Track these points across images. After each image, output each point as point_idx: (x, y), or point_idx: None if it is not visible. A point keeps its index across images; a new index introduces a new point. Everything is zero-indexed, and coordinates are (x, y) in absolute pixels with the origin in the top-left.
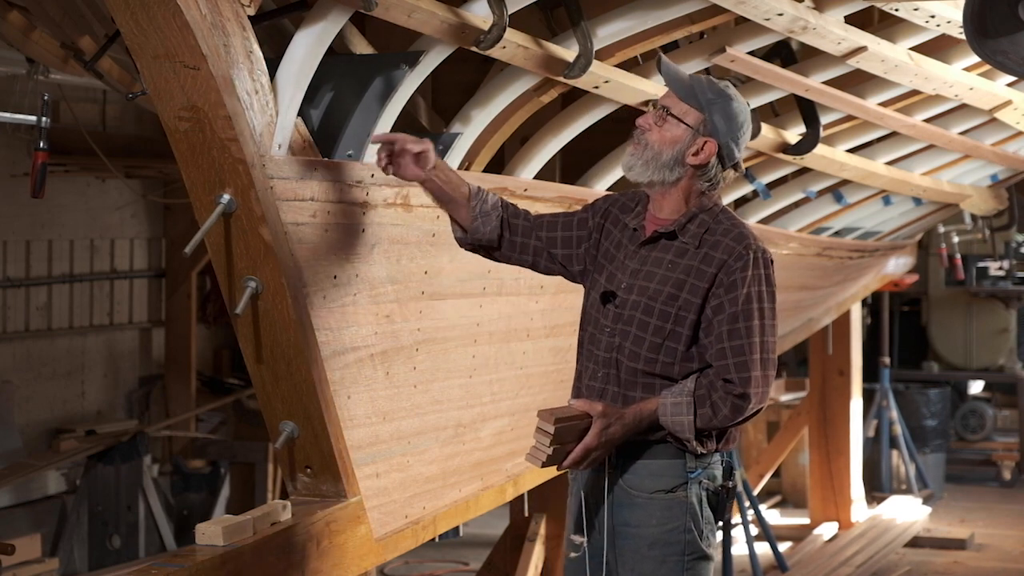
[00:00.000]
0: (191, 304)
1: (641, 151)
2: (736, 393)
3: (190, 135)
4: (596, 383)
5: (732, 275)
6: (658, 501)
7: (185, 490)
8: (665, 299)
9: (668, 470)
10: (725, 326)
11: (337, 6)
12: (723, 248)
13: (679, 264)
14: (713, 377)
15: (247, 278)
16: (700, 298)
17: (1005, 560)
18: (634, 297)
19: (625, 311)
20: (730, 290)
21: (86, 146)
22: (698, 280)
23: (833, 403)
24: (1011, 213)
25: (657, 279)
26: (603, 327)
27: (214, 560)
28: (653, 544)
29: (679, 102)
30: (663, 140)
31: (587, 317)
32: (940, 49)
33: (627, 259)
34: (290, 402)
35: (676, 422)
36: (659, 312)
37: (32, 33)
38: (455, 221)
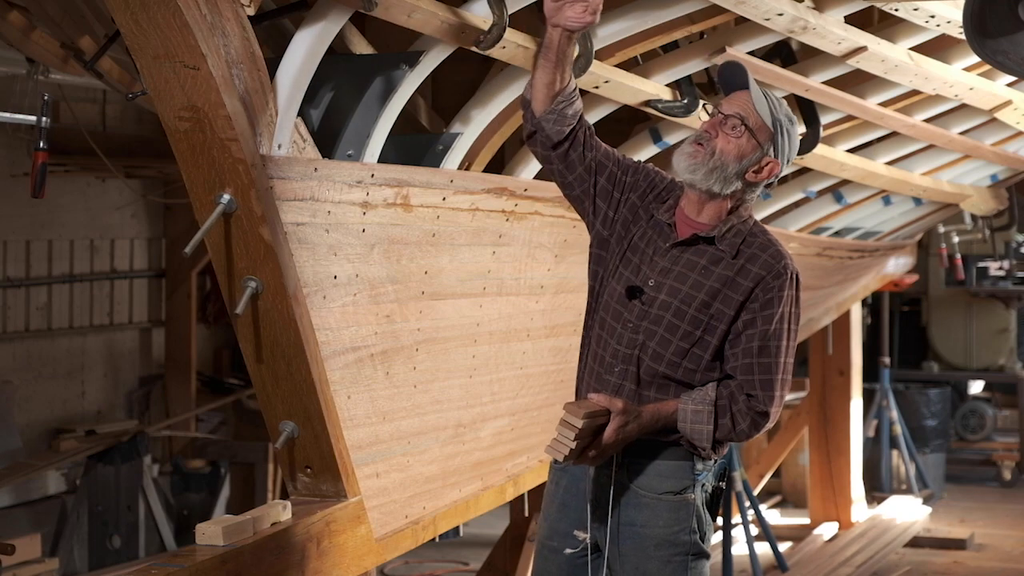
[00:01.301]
0: (191, 304)
1: (706, 157)
2: (759, 410)
3: (190, 135)
4: (612, 377)
5: (769, 293)
6: (666, 502)
7: (185, 490)
8: (698, 306)
9: (677, 472)
10: (756, 342)
11: (337, 6)
12: (761, 263)
13: (713, 272)
14: (735, 390)
15: (247, 278)
16: (733, 310)
17: (1005, 560)
18: (663, 297)
19: (653, 310)
20: (765, 307)
21: (86, 146)
22: (732, 292)
23: (833, 403)
24: (1011, 213)
25: (690, 283)
26: (626, 322)
27: (214, 560)
28: (659, 544)
29: (753, 114)
30: (732, 151)
31: (605, 307)
32: (940, 49)
33: (656, 255)
34: (290, 402)
35: (695, 430)
36: (691, 318)
37: (32, 33)
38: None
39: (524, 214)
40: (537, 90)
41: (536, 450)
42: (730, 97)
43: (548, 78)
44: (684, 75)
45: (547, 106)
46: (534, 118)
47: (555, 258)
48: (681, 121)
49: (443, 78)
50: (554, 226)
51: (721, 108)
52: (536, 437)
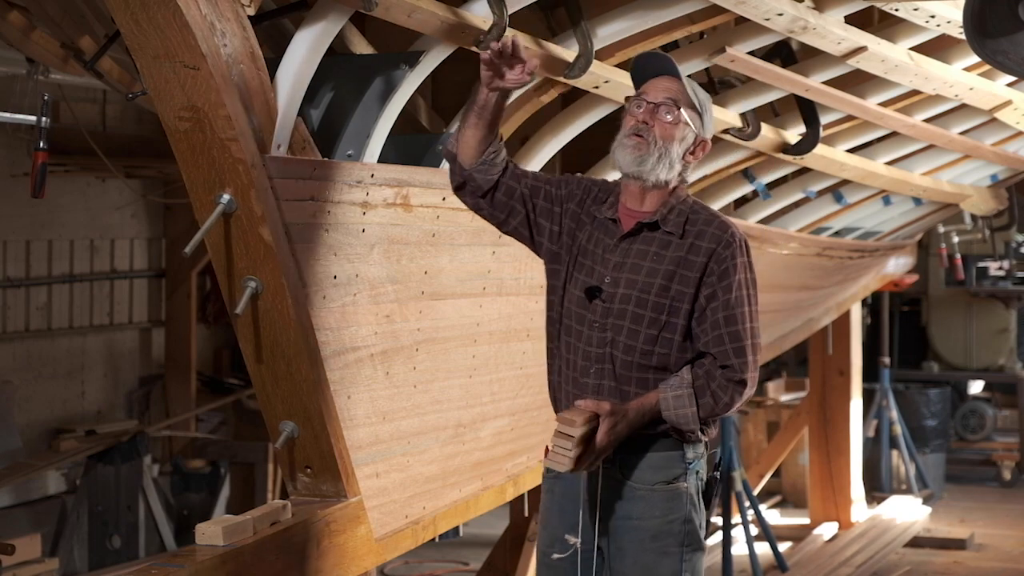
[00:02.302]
0: (191, 304)
1: (650, 147)
2: (736, 379)
3: (190, 135)
4: (590, 379)
5: (724, 263)
6: (659, 493)
7: (185, 490)
8: (658, 290)
9: (668, 462)
10: (721, 313)
11: (337, 6)
12: (709, 237)
13: (664, 255)
14: (709, 366)
15: (247, 278)
16: (692, 287)
17: (1005, 560)
18: (622, 291)
19: (615, 305)
20: (723, 278)
21: (86, 146)
22: (687, 270)
23: (833, 403)
24: (1011, 213)
25: (644, 271)
26: (591, 322)
27: (214, 560)
28: (656, 536)
29: (684, 96)
30: (671, 136)
31: (567, 313)
32: (940, 49)
33: (606, 253)
34: (290, 402)
35: (680, 415)
36: (653, 304)
37: (32, 33)
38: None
39: None
40: (469, 147)
41: (536, 450)
42: (651, 85)
43: (482, 134)
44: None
45: (478, 159)
46: (463, 171)
47: None
48: None
49: (443, 78)
50: None
51: (647, 96)
52: (536, 437)
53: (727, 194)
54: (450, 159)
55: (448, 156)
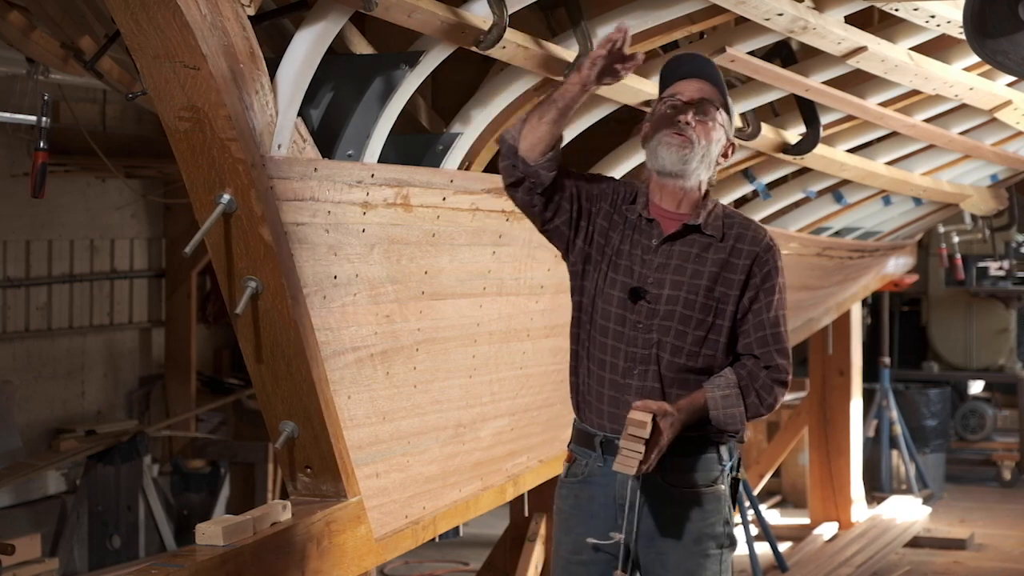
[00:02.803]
0: (191, 304)
1: (694, 146)
2: (780, 380)
3: (190, 135)
4: (633, 380)
5: (765, 267)
6: (701, 495)
7: (185, 490)
8: (704, 292)
9: (706, 464)
10: (765, 315)
11: (337, 6)
12: (750, 241)
13: (707, 258)
14: (752, 366)
15: (247, 278)
16: (736, 290)
17: (1005, 560)
18: (668, 292)
19: (660, 306)
20: (765, 281)
21: (86, 146)
22: (730, 273)
23: (833, 403)
24: (1011, 213)
25: (689, 273)
26: (635, 323)
27: (214, 560)
28: (699, 539)
29: (719, 101)
30: (711, 138)
31: (603, 314)
32: (940, 49)
33: (646, 254)
34: (290, 402)
35: (728, 415)
36: (701, 306)
37: (32, 33)
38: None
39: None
40: (541, 142)
41: (536, 450)
42: (685, 84)
43: (559, 131)
44: None
45: (544, 155)
46: (527, 166)
47: (555, 258)
48: None
49: (443, 78)
50: None
51: (683, 96)
52: (536, 437)
53: (727, 194)
54: (511, 154)
55: (508, 151)
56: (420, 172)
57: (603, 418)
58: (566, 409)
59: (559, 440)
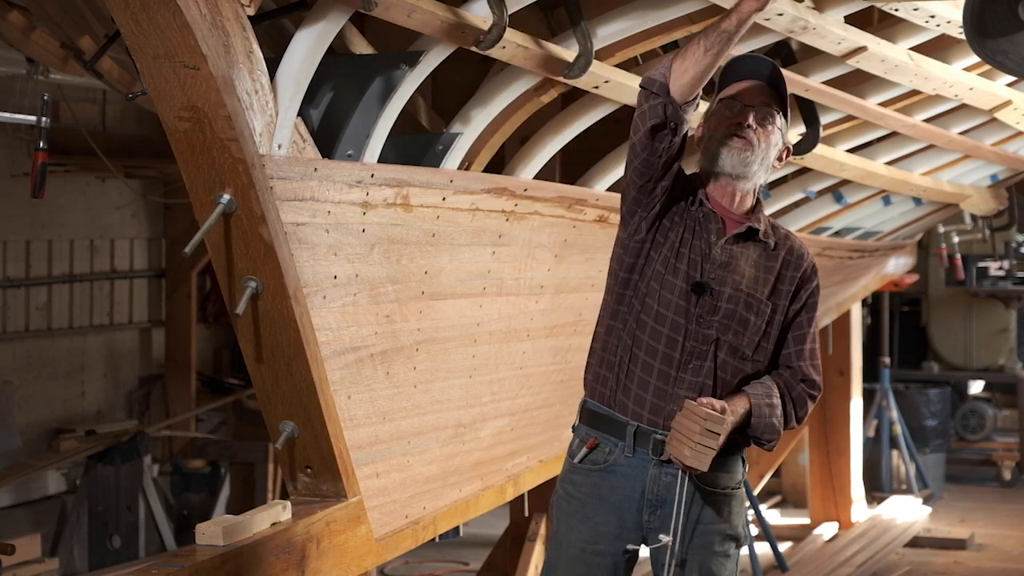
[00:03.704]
0: (191, 304)
1: (755, 149)
2: (813, 395)
3: (190, 135)
4: (686, 374)
5: (811, 282)
6: (729, 496)
7: (185, 490)
8: (764, 298)
9: (734, 466)
10: (806, 328)
11: (337, 6)
12: (797, 255)
13: (763, 264)
14: (789, 377)
15: (247, 278)
16: (786, 300)
17: (1005, 560)
18: (729, 291)
19: (721, 304)
20: (811, 296)
21: (86, 146)
22: (782, 283)
23: (833, 403)
24: (1011, 213)
25: (749, 276)
26: (696, 317)
27: (214, 560)
28: (724, 539)
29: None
30: (771, 142)
31: (662, 301)
32: (940, 49)
33: (709, 249)
34: (290, 402)
35: (767, 424)
36: (758, 310)
37: (32, 33)
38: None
39: (524, 214)
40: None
41: (536, 450)
42: (746, 86)
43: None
44: None
45: (692, 95)
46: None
47: (555, 258)
48: None
49: (443, 78)
50: (554, 226)
51: (745, 99)
52: (536, 437)
53: None
54: (662, 91)
55: (658, 88)
56: (420, 172)
57: (643, 408)
58: (566, 409)
59: (559, 440)
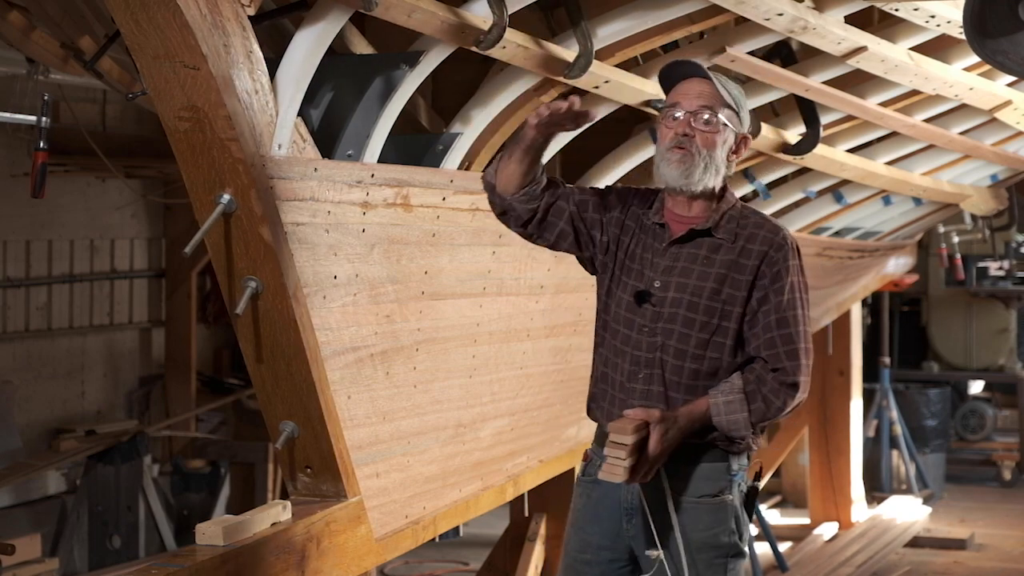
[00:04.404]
0: (191, 304)
1: (694, 158)
2: (789, 382)
3: (190, 135)
4: (637, 384)
5: (775, 266)
6: (705, 505)
7: (185, 490)
8: (709, 294)
9: (714, 474)
10: (773, 316)
11: (337, 6)
12: (761, 240)
13: (715, 259)
14: (760, 370)
15: (247, 278)
16: (744, 291)
17: (1005, 560)
18: (673, 295)
19: (665, 309)
20: (775, 280)
21: (86, 146)
22: (739, 273)
23: (833, 403)
24: (1011, 213)
25: (695, 275)
26: (641, 327)
27: (214, 560)
28: (701, 548)
29: (720, 103)
30: (713, 144)
31: (614, 317)
32: (940, 49)
33: (656, 257)
34: (290, 402)
35: (731, 420)
36: (705, 308)
37: (32, 33)
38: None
39: None
40: (513, 178)
41: (536, 450)
42: (682, 92)
43: (527, 168)
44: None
45: (520, 190)
46: (503, 201)
47: (555, 258)
48: None
49: (443, 78)
50: None
51: (682, 105)
52: (536, 437)
53: None
54: (489, 189)
55: (487, 186)
56: (420, 172)
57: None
58: (566, 409)
59: (559, 440)
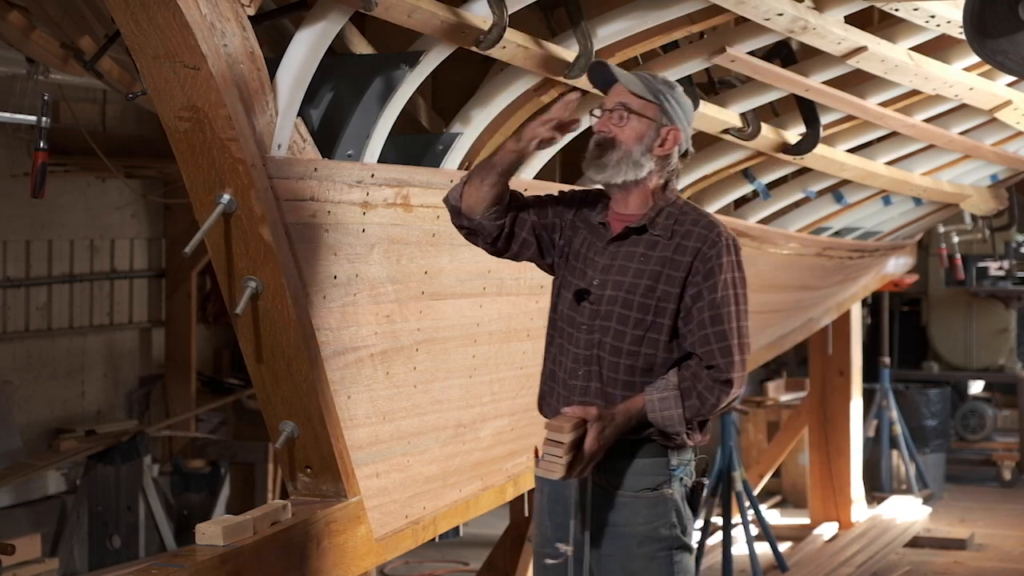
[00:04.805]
0: (191, 304)
1: (607, 153)
2: (722, 379)
3: (190, 135)
4: (577, 381)
5: (708, 263)
6: (644, 499)
7: (185, 490)
8: (644, 291)
9: (652, 468)
10: (707, 312)
11: (337, 6)
12: (696, 237)
13: (651, 256)
14: (695, 367)
15: (247, 278)
16: (677, 288)
17: (1005, 560)
18: (609, 292)
19: (602, 307)
20: (708, 277)
21: (86, 146)
22: (674, 270)
23: (833, 403)
24: (1011, 213)
25: (631, 273)
26: (580, 324)
27: (214, 560)
28: (642, 542)
29: (634, 98)
30: (628, 137)
31: (560, 316)
32: (940, 49)
33: (596, 256)
34: (290, 402)
35: (666, 417)
36: (639, 305)
37: (32, 33)
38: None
39: None
40: (483, 200)
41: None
42: (609, 94)
43: (500, 190)
44: (684, 75)
45: (489, 210)
46: (471, 222)
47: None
48: None
49: (443, 78)
50: None
51: (606, 106)
52: (536, 437)
53: (727, 194)
54: (454, 212)
55: (452, 210)
56: (420, 172)
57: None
58: None
59: None
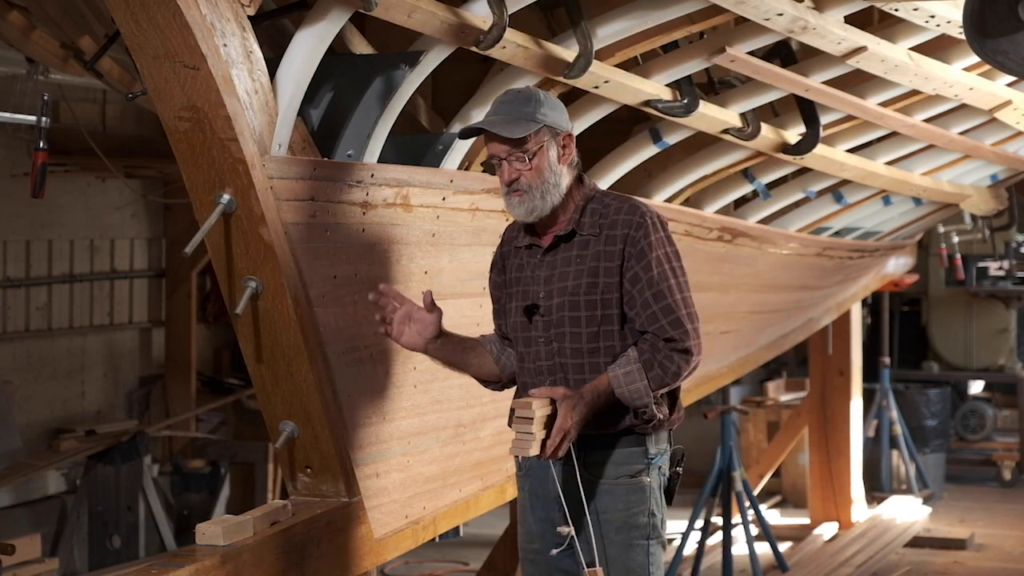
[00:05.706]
0: (191, 304)
1: (530, 193)
2: (680, 348)
3: (190, 135)
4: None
5: (638, 244)
6: (622, 486)
7: (185, 490)
8: (586, 290)
9: (630, 457)
10: (648, 291)
11: (337, 6)
12: (621, 224)
13: (586, 255)
14: (652, 340)
15: (247, 278)
16: (616, 276)
17: (1005, 560)
18: (556, 300)
19: (553, 316)
20: (640, 258)
21: (86, 146)
22: (608, 261)
23: (833, 403)
24: (1011, 213)
25: (571, 276)
26: (536, 339)
27: (214, 560)
28: (620, 528)
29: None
30: (538, 170)
31: (515, 340)
32: (940, 49)
33: (536, 271)
34: (290, 402)
35: (632, 390)
36: (585, 303)
37: (32, 33)
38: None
39: None
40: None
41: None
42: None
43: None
44: (684, 75)
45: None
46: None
47: None
48: (681, 121)
49: (443, 78)
50: None
51: (497, 156)
52: None
53: (727, 194)
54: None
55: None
56: (420, 172)
57: None
58: None
59: None
